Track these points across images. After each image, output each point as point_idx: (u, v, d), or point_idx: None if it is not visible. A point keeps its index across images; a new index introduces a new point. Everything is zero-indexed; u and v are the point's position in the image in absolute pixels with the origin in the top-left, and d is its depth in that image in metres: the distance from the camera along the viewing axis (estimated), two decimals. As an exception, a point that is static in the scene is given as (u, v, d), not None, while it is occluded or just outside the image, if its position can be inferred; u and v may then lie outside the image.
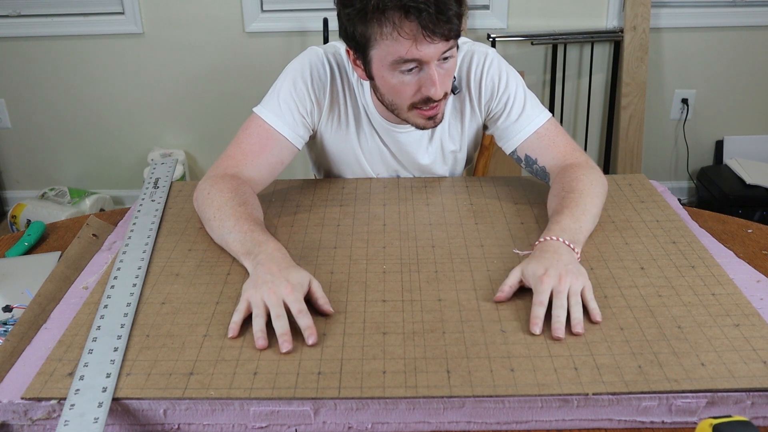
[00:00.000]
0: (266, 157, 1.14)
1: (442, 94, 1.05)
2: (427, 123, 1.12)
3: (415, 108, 1.09)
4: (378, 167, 1.29)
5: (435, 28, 0.97)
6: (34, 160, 2.82)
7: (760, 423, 0.75)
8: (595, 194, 1.06)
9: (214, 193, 1.04)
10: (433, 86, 1.04)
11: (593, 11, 2.57)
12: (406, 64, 1.02)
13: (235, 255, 0.98)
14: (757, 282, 0.94)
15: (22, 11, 2.55)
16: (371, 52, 1.04)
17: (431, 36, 0.98)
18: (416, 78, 1.05)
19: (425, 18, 0.96)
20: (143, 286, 0.93)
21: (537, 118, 1.18)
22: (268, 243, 0.94)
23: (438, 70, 1.04)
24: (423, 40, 0.99)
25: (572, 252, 0.93)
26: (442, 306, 0.88)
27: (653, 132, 2.78)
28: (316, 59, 1.18)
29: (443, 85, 1.06)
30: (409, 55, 1.01)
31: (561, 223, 0.98)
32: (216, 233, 1.02)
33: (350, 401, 0.73)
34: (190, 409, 0.73)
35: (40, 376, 0.76)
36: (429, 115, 1.10)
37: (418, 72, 1.04)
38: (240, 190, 1.06)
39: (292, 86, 1.16)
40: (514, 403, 0.73)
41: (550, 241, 0.94)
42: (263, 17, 2.56)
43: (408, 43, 0.99)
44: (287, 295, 0.84)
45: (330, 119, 1.22)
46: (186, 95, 2.68)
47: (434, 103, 1.08)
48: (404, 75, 1.04)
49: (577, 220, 0.99)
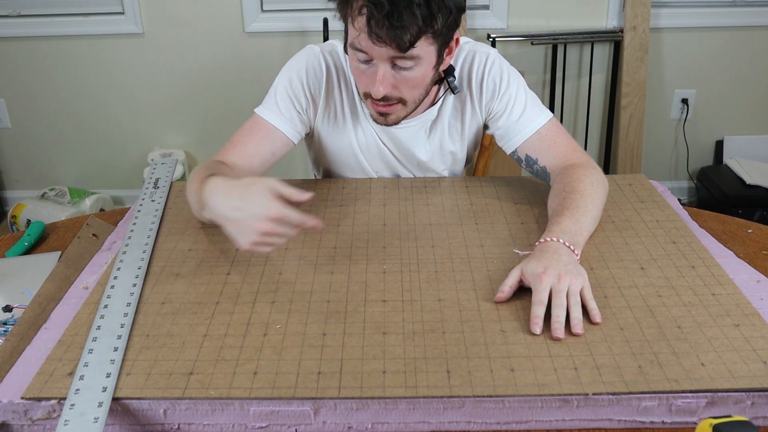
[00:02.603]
0: (253, 146, 1.15)
1: (381, 94, 1.05)
2: (378, 118, 1.14)
3: (368, 98, 1.11)
4: (376, 164, 1.29)
5: (380, 34, 0.98)
6: (34, 160, 2.83)
7: (760, 423, 0.75)
8: (596, 195, 1.05)
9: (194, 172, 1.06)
10: (374, 84, 1.05)
11: (593, 11, 2.57)
12: (358, 52, 1.04)
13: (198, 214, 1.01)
14: (757, 282, 0.94)
15: (22, 11, 2.55)
16: (347, 28, 1.06)
17: (375, 39, 0.99)
18: (368, 69, 1.06)
19: (374, 20, 0.97)
20: (143, 286, 0.93)
21: (538, 119, 1.18)
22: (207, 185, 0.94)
23: (389, 71, 1.04)
24: (367, 38, 1.00)
25: (572, 253, 0.93)
26: (442, 306, 0.88)
27: (653, 132, 2.78)
28: (312, 56, 1.20)
29: (389, 87, 1.06)
30: (357, 44, 1.02)
31: (561, 224, 0.98)
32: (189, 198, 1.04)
33: (350, 401, 0.73)
34: (190, 409, 0.74)
35: (40, 376, 0.76)
36: (379, 110, 1.11)
37: (370, 65, 1.05)
38: (214, 165, 1.07)
39: (288, 83, 1.18)
40: (514, 403, 0.73)
41: (550, 242, 0.94)
42: (263, 17, 2.56)
43: (357, 33, 1.01)
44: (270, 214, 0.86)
45: (326, 116, 1.23)
46: (186, 95, 2.69)
47: (382, 102, 1.08)
48: (359, 63, 1.06)
49: (577, 222, 0.99)
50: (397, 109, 1.11)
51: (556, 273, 0.87)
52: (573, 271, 0.88)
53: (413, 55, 1.02)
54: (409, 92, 1.09)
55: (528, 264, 0.90)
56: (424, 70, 1.06)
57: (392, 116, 1.12)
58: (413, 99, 1.11)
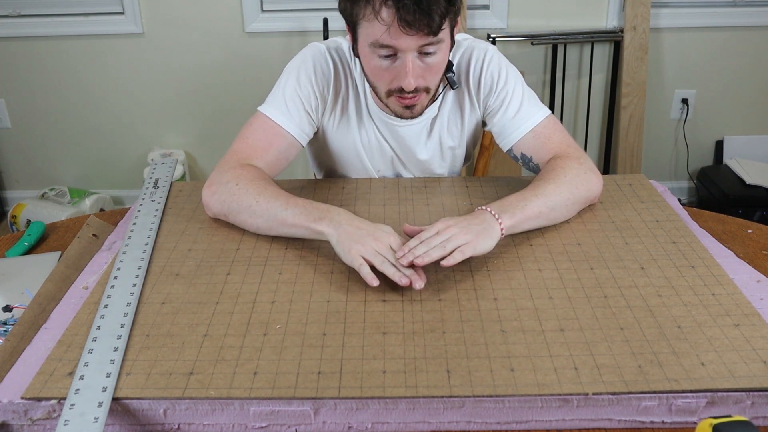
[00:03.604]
0: (273, 153, 1.15)
1: (413, 86, 1.06)
2: (404, 112, 1.13)
3: (392, 94, 1.10)
4: (378, 163, 1.29)
5: (411, 20, 0.98)
6: (34, 160, 2.83)
7: (760, 423, 0.75)
8: (564, 184, 1.06)
9: (245, 182, 1.05)
10: (405, 77, 1.05)
11: (593, 11, 2.57)
12: (382, 48, 1.03)
13: (297, 227, 1.00)
14: (757, 282, 0.94)
15: (22, 11, 2.55)
16: (358, 30, 1.06)
17: (406, 27, 0.99)
18: (393, 65, 1.06)
19: (403, 8, 0.97)
20: (143, 286, 0.93)
21: (535, 116, 1.18)
22: (335, 208, 1.00)
23: (416, 61, 1.04)
24: (398, 30, 0.99)
25: (494, 221, 0.97)
26: (442, 306, 0.88)
27: (653, 132, 2.78)
28: (318, 54, 1.19)
29: (418, 78, 1.06)
30: (384, 40, 1.02)
31: (504, 200, 1.02)
32: (263, 215, 1.02)
33: (350, 401, 0.73)
34: (190, 409, 0.74)
35: (40, 376, 0.76)
36: (406, 103, 1.11)
37: (395, 59, 1.05)
38: (268, 178, 1.09)
39: (297, 83, 1.17)
40: (514, 403, 0.73)
41: (478, 210, 0.99)
42: (263, 17, 2.56)
43: (384, 28, 1.00)
44: (393, 242, 0.93)
45: (333, 113, 1.23)
46: (186, 95, 2.69)
47: (411, 94, 1.08)
48: (381, 60, 1.05)
49: (523, 199, 1.02)
50: (422, 98, 1.12)
51: (451, 224, 0.93)
52: (470, 230, 0.93)
53: (439, 39, 1.03)
54: (433, 79, 1.10)
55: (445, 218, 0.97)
56: (444, 54, 1.07)
57: (418, 107, 1.13)
58: (435, 85, 1.12)
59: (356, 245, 0.92)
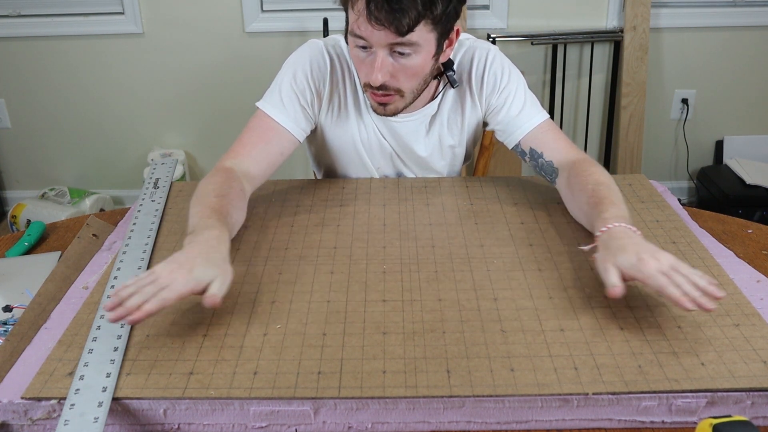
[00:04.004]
0: (264, 148, 1.14)
1: (380, 82, 1.05)
2: (378, 108, 1.13)
3: (367, 89, 1.10)
4: (377, 160, 1.29)
5: (378, 16, 0.98)
6: (34, 160, 2.83)
7: (760, 423, 0.75)
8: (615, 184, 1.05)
9: (204, 183, 1.05)
10: (372, 71, 1.05)
11: (593, 11, 2.57)
12: (357, 39, 1.04)
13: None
14: (757, 282, 0.94)
15: (22, 11, 2.55)
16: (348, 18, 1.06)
17: (374, 21, 0.99)
18: (367, 58, 1.06)
19: (373, 2, 0.97)
20: (143, 286, 0.93)
21: (537, 116, 1.18)
22: (211, 230, 0.90)
23: (387, 59, 1.04)
24: (366, 22, 1.00)
25: (638, 233, 0.90)
26: (442, 306, 0.88)
27: (653, 132, 2.78)
28: (315, 51, 1.19)
29: (387, 76, 1.06)
30: (355, 30, 1.02)
31: (610, 212, 0.95)
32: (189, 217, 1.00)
33: (350, 401, 0.73)
34: (190, 409, 0.74)
35: (40, 376, 0.76)
36: (377, 100, 1.11)
37: (370, 53, 1.05)
38: (226, 185, 1.04)
39: (293, 78, 1.17)
40: (514, 403, 0.73)
41: (614, 228, 0.90)
42: (263, 17, 2.56)
43: (356, 17, 1.01)
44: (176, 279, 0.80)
45: (330, 110, 1.23)
46: (186, 95, 2.69)
47: (380, 91, 1.08)
48: (359, 50, 1.06)
49: (620, 208, 0.97)
50: (395, 100, 1.11)
51: (650, 256, 0.83)
52: (657, 248, 0.85)
53: (412, 41, 1.02)
54: (407, 82, 1.09)
55: (617, 258, 0.85)
56: (422, 59, 1.06)
57: (390, 106, 1.12)
58: (411, 89, 1.11)
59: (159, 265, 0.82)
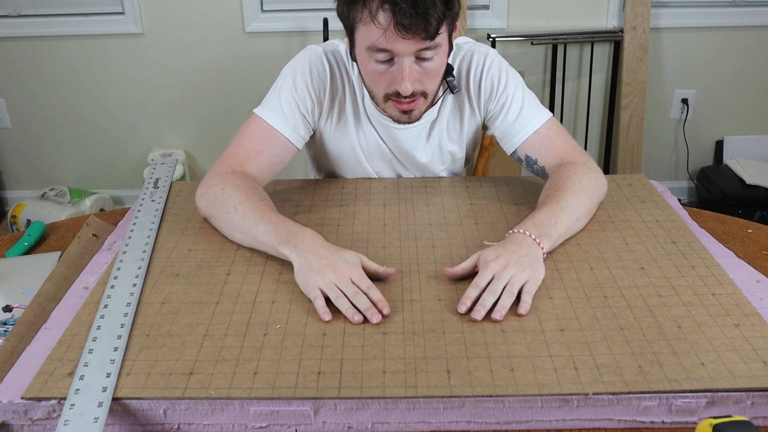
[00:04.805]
0: (268, 157, 1.14)
1: (410, 91, 1.05)
2: (402, 117, 1.13)
3: (390, 99, 1.10)
4: (378, 165, 1.29)
5: (408, 24, 0.98)
6: (34, 160, 2.83)
7: (760, 423, 0.75)
8: (582, 193, 1.05)
9: (230, 188, 1.04)
10: (402, 81, 1.04)
11: (593, 11, 2.57)
12: (378, 53, 1.03)
13: (265, 246, 0.98)
14: (757, 282, 0.94)
15: (22, 11, 2.55)
16: (355, 34, 1.05)
17: (403, 31, 0.98)
18: (390, 69, 1.05)
19: (399, 12, 0.97)
20: (143, 286, 0.93)
21: (536, 119, 1.18)
22: (303, 231, 0.96)
23: (413, 66, 1.04)
24: (394, 34, 0.99)
25: (536, 246, 0.94)
26: (442, 306, 0.88)
27: (653, 132, 2.78)
28: (315, 57, 1.18)
29: (415, 83, 1.06)
30: (380, 44, 1.01)
31: (535, 218, 0.99)
32: (238, 226, 1.01)
33: (350, 401, 0.73)
34: (190, 409, 0.74)
35: (40, 376, 0.76)
36: (403, 108, 1.11)
37: (391, 64, 1.05)
38: (255, 187, 1.07)
39: (293, 86, 1.16)
40: (514, 403, 0.73)
41: (516, 234, 0.96)
42: (263, 17, 2.56)
43: (380, 32, 1.00)
44: (353, 274, 0.89)
45: (330, 117, 1.22)
46: (186, 95, 2.69)
47: (408, 99, 1.08)
48: (378, 64, 1.05)
49: (553, 216, 1.00)
50: (420, 103, 1.11)
51: (504, 262, 0.89)
52: (524, 263, 0.89)
53: (436, 43, 1.02)
54: (431, 84, 1.09)
55: (485, 251, 0.93)
56: (442, 59, 1.07)
57: (415, 112, 1.12)
58: (433, 91, 1.11)
59: (315, 276, 0.88)
